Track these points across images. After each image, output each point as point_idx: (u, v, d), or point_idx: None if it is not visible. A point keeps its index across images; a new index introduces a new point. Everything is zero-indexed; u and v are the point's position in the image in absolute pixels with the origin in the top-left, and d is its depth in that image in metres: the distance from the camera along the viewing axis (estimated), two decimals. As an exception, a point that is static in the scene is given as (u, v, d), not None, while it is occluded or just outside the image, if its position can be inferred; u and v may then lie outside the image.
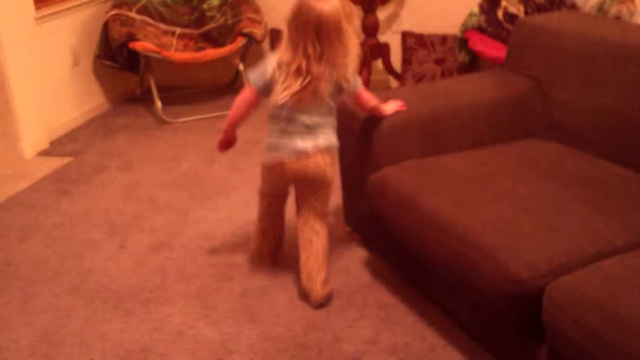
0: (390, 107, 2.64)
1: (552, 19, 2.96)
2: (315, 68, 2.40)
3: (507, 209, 2.15)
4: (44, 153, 4.15)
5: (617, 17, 4.01)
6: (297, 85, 2.43)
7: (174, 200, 3.46)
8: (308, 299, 2.60)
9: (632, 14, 4.09)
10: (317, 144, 2.51)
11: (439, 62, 4.65)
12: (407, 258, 2.47)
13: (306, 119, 2.49)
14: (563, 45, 2.76)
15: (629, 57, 2.49)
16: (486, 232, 2.04)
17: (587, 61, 2.65)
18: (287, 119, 2.52)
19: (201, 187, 3.58)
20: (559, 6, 4.22)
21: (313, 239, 2.62)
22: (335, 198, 3.21)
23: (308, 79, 2.41)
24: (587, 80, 2.65)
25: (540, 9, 4.23)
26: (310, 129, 2.51)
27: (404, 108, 2.65)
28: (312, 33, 2.38)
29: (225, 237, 3.08)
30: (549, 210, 2.13)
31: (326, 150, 2.53)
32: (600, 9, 4.04)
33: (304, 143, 2.51)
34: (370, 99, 2.59)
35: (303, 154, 2.51)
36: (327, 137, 2.54)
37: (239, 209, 3.33)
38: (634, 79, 2.45)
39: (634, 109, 2.44)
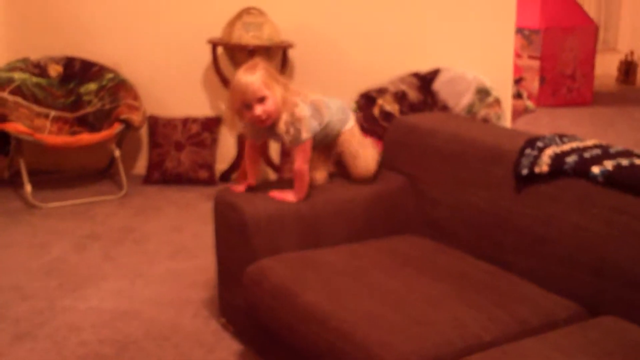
0: (289, 195, 2.74)
1: (425, 119, 3.09)
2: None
3: (380, 302, 2.17)
4: None
5: (485, 120, 4.22)
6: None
7: (41, 288, 3.31)
8: None
9: (499, 117, 4.33)
10: None
11: (316, 155, 4.73)
12: (282, 351, 2.44)
13: None
14: (436, 144, 2.87)
15: (497, 159, 2.61)
16: (360, 325, 2.05)
17: (458, 161, 2.77)
18: None
19: (70, 276, 3.45)
20: (431, 107, 4.41)
21: None
22: (210, 289, 3.17)
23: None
24: (457, 179, 2.75)
25: (413, 108, 4.41)
26: None
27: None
28: (238, 104, 2.64)
29: (94, 328, 2.97)
30: (420, 304, 2.17)
31: None
32: (470, 111, 4.25)
33: None
34: (296, 160, 2.71)
35: None
36: None
37: (109, 299, 3.22)
38: (500, 180, 2.57)
39: (500, 208, 2.55)
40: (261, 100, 2.60)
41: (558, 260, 2.34)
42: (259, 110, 2.60)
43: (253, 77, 2.61)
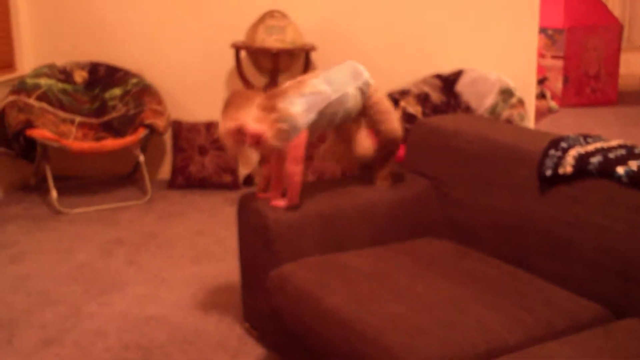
0: (280, 201, 2.70)
1: (448, 121, 3.08)
2: None
3: (404, 306, 2.16)
4: None
5: (509, 121, 4.20)
6: None
7: (67, 294, 3.34)
8: None
9: (522, 117, 4.30)
10: None
11: (339, 158, 4.72)
12: (306, 356, 2.44)
13: None
14: (459, 146, 2.86)
15: (520, 160, 2.60)
16: (384, 329, 2.04)
17: (481, 162, 2.75)
18: None
19: (96, 281, 3.48)
20: (454, 108, 4.40)
21: None
22: (234, 293, 3.18)
23: None
24: (481, 181, 2.74)
25: (436, 110, 4.39)
26: None
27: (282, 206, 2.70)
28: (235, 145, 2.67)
29: (119, 333, 2.98)
30: (445, 308, 2.15)
31: None
32: (493, 112, 4.23)
33: None
34: (285, 160, 2.69)
35: None
36: None
37: (134, 304, 3.24)
38: (524, 181, 2.55)
39: (524, 209, 2.53)
40: (240, 132, 2.61)
41: (582, 262, 2.32)
42: (248, 140, 2.61)
43: (222, 129, 2.68)
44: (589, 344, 1.94)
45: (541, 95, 7.39)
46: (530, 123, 4.67)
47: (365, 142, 2.92)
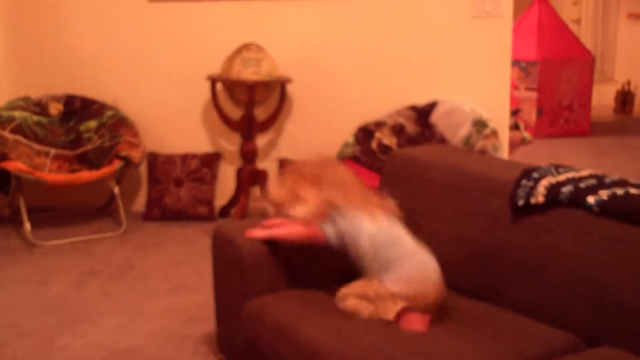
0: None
1: (423, 152, 3.10)
2: None
3: (380, 338, 2.17)
4: None
5: (483, 151, 4.24)
6: None
7: (40, 325, 3.31)
8: None
9: (496, 148, 4.35)
10: None
11: (315, 189, 4.74)
12: (281, 386, 2.43)
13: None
14: (433, 176, 2.88)
15: (493, 190, 2.62)
16: (361, 360, 2.05)
17: (456, 193, 2.77)
18: None
19: (70, 313, 3.45)
20: (429, 139, 4.44)
21: None
22: (209, 324, 3.16)
23: None
24: (455, 211, 2.75)
25: (411, 141, 4.43)
26: None
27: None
28: None
29: (93, 365, 2.96)
30: (419, 339, 2.17)
31: None
32: (467, 142, 4.27)
33: None
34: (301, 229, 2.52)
35: None
36: None
37: (108, 335, 3.21)
38: (497, 211, 2.57)
39: (498, 239, 2.55)
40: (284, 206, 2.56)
41: (555, 290, 2.34)
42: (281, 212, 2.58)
43: (278, 194, 2.61)
44: (561, 372, 1.96)
45: (515, 127, 7.47)
46: (504, 154, 4.72)
47: None
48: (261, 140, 4.98)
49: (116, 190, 4.71)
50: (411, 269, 2.42)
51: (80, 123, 4.90)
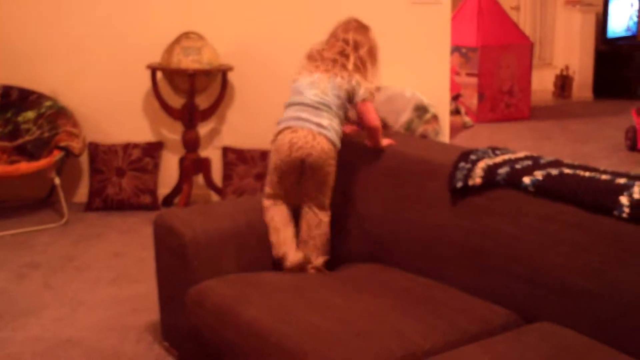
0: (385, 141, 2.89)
1: (363, 137, 3.12)
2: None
3: (321, 317, 2.19)
4: None
5: (424, 136, 4.28)
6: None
7: (-21, 320, 3.26)
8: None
9: (437, 133, 4.39)
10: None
11: (259, 177, 4.74)
12: (226, 372, 2.44)
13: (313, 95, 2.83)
14: (374, 162, 2.91)
15: (432, 173, 2.66)
16: (301, 339, 2.07)
17: (397, 177, 2.81)
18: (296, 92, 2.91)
19: (10, 306, 3.39)
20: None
21: (311, 225, 2.80)
22: (152, 314, 3.15)
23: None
24: (396, 196, 2.78)
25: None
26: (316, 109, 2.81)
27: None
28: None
29: (34, 357, 2.92)
30: (361, 318, 2.19)
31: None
32: (409, 128, 4.31)
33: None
34: (371, 120, 2.85)
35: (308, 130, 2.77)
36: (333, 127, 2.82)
37: (50, 327, 3.18)
38: (436, 193, 2.61)
39: (437, 222, 2.59)
40: None
41: (494, 270, 2.39)
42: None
43: None
44: (501, 347, 2.00)
45: (456, 112, 7.55)
46: (445, 138, 4.77)
47: None
48: (203, 129, 4.95)
49: (57, 181, 4.64)
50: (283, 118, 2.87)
51: (18, 114, 4.82)
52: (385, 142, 2.90)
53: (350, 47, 2.94)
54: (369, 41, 3.01)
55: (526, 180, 2.35)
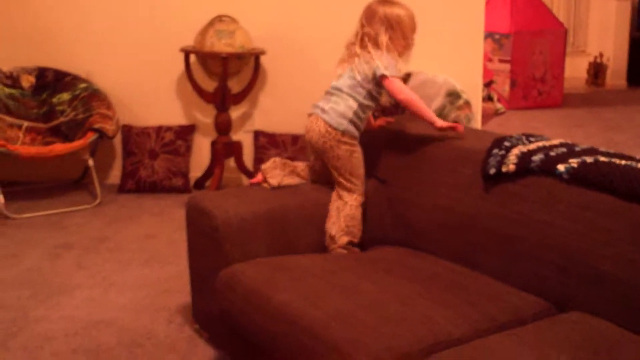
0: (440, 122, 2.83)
1: (397, 123, 3.12)
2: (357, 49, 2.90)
3: (351, 302, 2.19)
4: None
5: (456, 122, 4.26)
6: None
7: (13, 298, 3.30)
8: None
9: (469, 119, 4.37)
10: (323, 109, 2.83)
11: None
12: (256, 355, 2.45)
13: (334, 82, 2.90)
14: (407, 147, 2.91)
15: (465, 159, 2.65)
16: (331, 324, 2.06)
17: (429, 163, 2.80)
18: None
19: (44, 285, 3.44)
20: (403, 110, 4.44)
21: (339, 207, 2.81)
22: (184, 295, 3.18)
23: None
24: (428, 181, 2.78)
25: (385, 112, 4.43)
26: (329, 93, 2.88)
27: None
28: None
29: (67, 337, 2.96)
30: (391, 304, 2.19)
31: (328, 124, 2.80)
32: (441, 114, 4.28)
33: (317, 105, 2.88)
34: (397, 94, 2.82)
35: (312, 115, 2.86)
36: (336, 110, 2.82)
37: (82, 307, 3.22)
38: (469, 180, 2.60)
39: (470, 208, 2.58)
40: None
41: (526, 257, 2.37)
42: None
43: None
44: (531, 336, 1.98)
45: (488, 98, 7.50)
46: (477, 124, 4.74)
47: None
48: (235, 112, 4.97)
49: (90, 162, 4.69)
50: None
51: (53, 95, 4.87)
52: (379, 121, 3.03)
53: (360, 24, 2.99)
54: (384, 14, 2.97)
55: (561, 167, 2.33)
